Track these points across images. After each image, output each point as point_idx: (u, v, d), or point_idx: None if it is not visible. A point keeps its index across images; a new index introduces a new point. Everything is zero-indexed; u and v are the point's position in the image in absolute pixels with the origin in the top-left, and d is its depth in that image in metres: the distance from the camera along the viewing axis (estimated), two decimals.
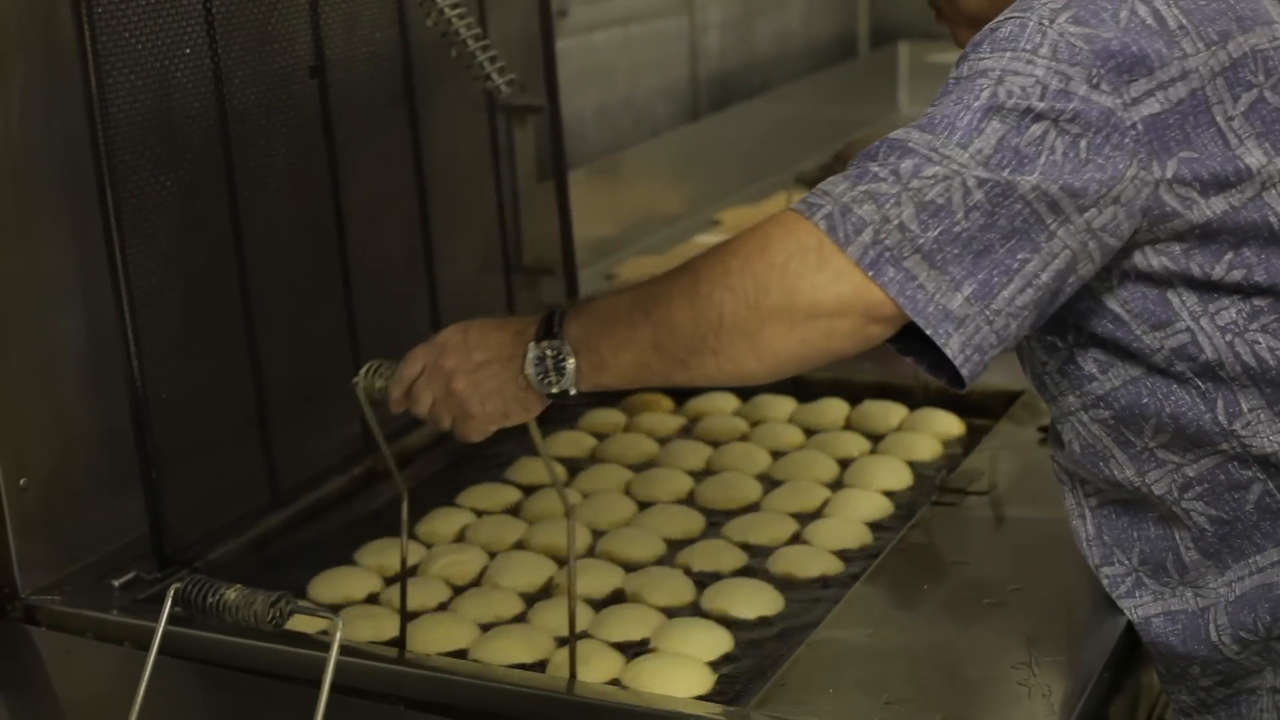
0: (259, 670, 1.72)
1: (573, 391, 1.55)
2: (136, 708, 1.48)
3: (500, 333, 1.61)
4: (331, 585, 1.98)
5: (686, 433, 2.43)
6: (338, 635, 1.42)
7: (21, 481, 1.86)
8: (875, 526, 2.05)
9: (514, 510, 2.20)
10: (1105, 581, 1.66)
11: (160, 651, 1.49)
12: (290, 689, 1.66)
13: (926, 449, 2.27)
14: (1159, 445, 1.56)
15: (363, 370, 1.71)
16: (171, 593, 1.52)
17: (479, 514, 2.18)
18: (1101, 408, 1.57)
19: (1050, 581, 1.79)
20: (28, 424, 1.87)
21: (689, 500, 2.19)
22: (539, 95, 2.70)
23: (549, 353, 1.54)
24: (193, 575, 1.54)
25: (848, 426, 2.40)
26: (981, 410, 2.35)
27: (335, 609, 1.86)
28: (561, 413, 2.44)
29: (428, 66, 2.39)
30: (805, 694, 1.59)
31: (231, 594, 1.53)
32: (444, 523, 2.15)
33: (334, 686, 1.43)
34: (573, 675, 1.68)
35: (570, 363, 1.53)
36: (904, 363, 2.26)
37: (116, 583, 1.90)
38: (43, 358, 1.89)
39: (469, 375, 1.60)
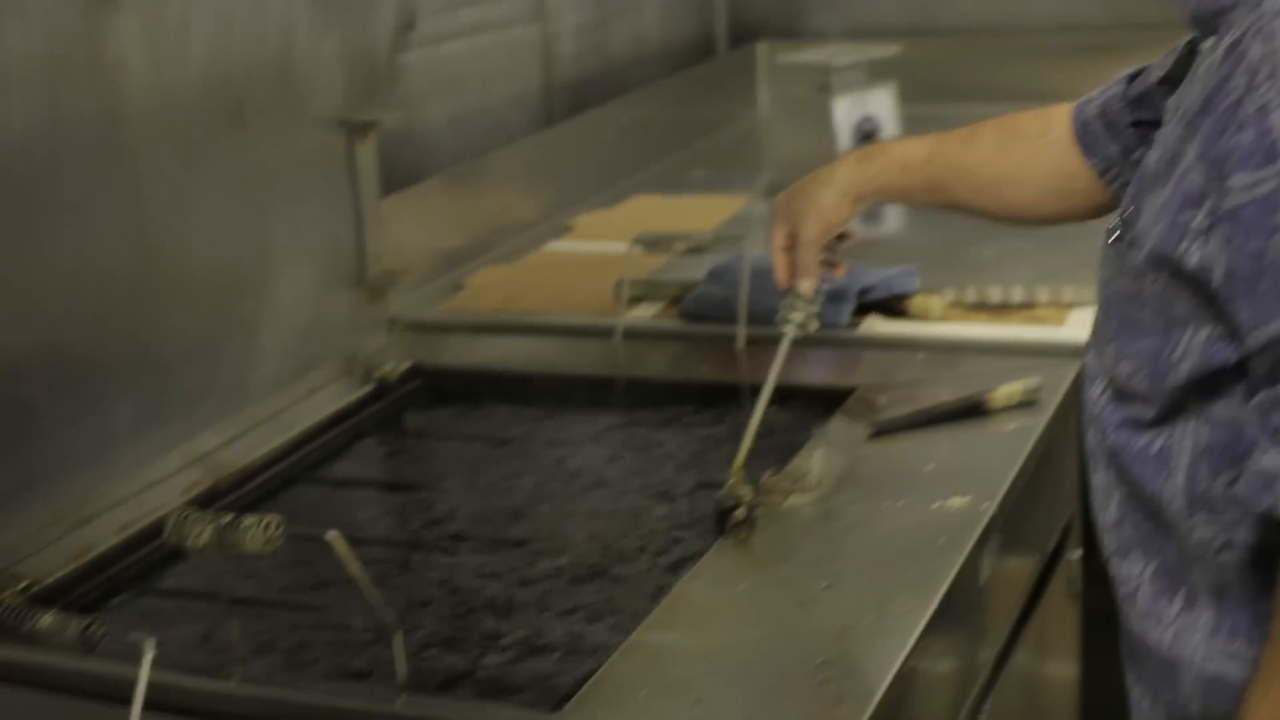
0: (80, 691, 1.72)
1: None
2: None
3: None
4: None
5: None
6: (147, 658, 1.46)
7: None
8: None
9: None
10: None
11: None
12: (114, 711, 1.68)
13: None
14: None
15: None
16: None
17: None
18: None
19: (862, 580, 1.84)
20: None
21: None
22: (381, 109, 2.73)
23: None
24: (10, 600, 1.57)
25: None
26: (811, 407, 2.40)
27: None
28: None
29: (262, 85, 2.42)
30: (618, 696, 1.63)
31: (47, 619, 1.56)
32: None
33: (157, 706, 1.45)
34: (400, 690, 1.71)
35: None
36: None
37: None
38: None
39: None
